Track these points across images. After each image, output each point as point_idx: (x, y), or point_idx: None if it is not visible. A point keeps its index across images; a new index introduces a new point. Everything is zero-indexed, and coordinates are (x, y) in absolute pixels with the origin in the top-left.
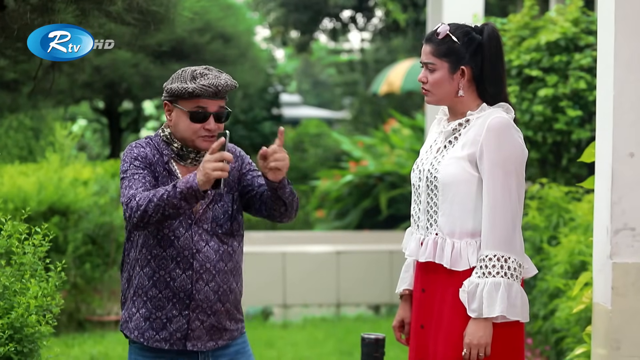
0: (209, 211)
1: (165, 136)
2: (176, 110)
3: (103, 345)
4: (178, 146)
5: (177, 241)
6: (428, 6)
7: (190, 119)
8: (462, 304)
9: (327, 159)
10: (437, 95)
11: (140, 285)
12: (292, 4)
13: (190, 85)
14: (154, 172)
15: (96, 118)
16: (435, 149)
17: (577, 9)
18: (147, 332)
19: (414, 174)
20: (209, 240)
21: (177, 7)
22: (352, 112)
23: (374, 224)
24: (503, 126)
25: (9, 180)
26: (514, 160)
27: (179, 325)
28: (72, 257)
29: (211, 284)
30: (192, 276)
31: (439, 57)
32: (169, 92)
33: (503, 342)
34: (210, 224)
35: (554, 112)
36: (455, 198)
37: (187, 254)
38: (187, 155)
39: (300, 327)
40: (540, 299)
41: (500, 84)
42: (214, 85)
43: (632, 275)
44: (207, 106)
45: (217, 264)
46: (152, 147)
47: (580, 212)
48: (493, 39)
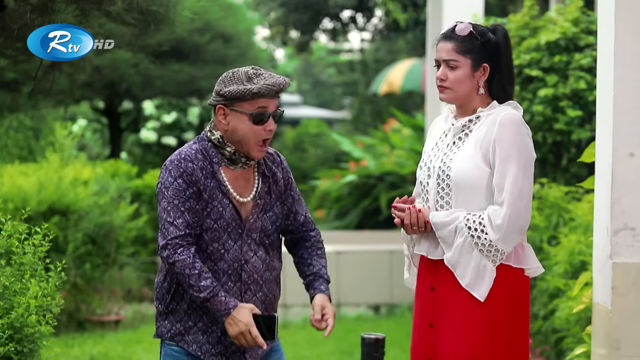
0: (259, 221)
1: (217, 139)
2: (234, 113)
3: (103, 345)
4: (231, 150)
5: (227, 254)
6: (428, 6)
7: (252, 121)
8: (473, 302)
9: (327, 159)
10: (456, 93)
11: (192, 299)
12: (292, 4)
13: (253, 85)
14: (198, 189)
15: (96, 118)
16: (443, 145)
17: (577, 9)
18: (204, 345)
19: (422, 172)
20: (257, 250)
21: (177, 7)
22: (352, 112)
23: (374, 224)
24: (514, 122)
25: (9, 180)
26: (523, 155)
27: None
28: (72, 257)
29: (259, 294)
30: (240, 287)
31: (463, 54)
32: (227, 95)
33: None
34: (259, 234)
35: (554, 112)
36: (468, 195)
37: (237, 266)
38: (239, 159)
39: (300, 327)
40: (540, 299)
41: (513, 84)
42: (276, 84)
43: (632, 275)
44: (267, 106)
45: (264, 273)
46: (201, 157)
47: (580, 212)
48: (507, 40)
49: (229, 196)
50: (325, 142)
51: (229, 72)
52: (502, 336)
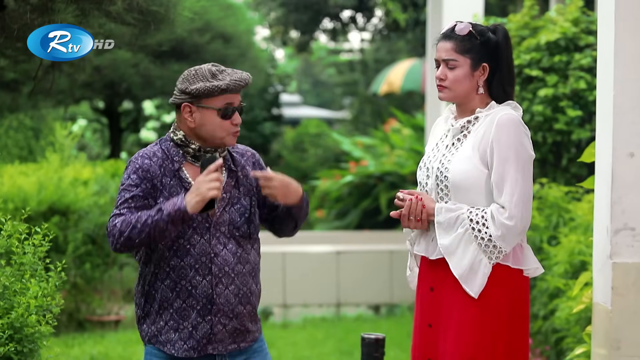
0: (226, 214)
1: (180, 139)
2: (201, 110)
3: (103, 345)
4: (195, 147)
5: (193, 249)
6: (428, 6)
7: (221, 117)
8: (472, 302)
9: (327, 159)
10: (455, 92)
11: (164, 298)
12: (292, 4)
13: (220, 82)
14: (154, 185)
15: (96, 118)
16: (443, 146)
17: (577, 9)
18: (176, 343)
19: (421, 172)
20: (227, 243)
21: (177, 7)
22: (352, 112)
23: (374, 224)
24: (512, 122)
25: (9, 180)
26: (522, 156)
27: (204, 332)
28: (72, 257)
29: (231, 287)
30: (211, 281)
31: (462, 53)
32: (193, 93)
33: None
34: (228, 227)
35: (554, 112)
36: (466, 196)
37: (205, 260)
38: (203, 155)
39: (300, 327)
40: (540, 299)
41: (513, 84)
42: (242, 79)
43: (632, 275)
44: (233, 101)
45: (236, 266)
46: (161, 156)
47: (580, 212)
48: (508, 40)
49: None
50: (325, 142)
51: (191, 70)
52: (502, 336)
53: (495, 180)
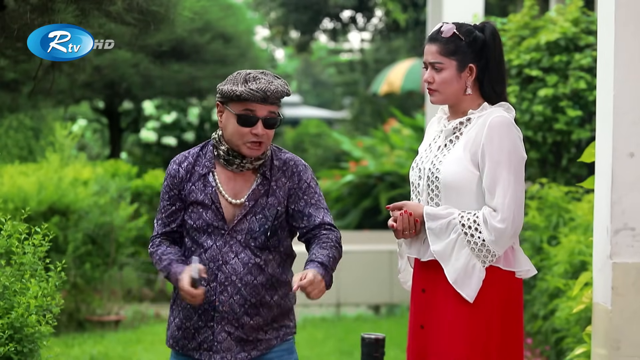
0: (245, 222)
1: (215, 138)
2: (226, 112)
3: (103, 345)
4: (225, 149)
5: (204, 253)
6: (428, 6)
7: (238, 122)
8: (462, 304)
9: (327, 159)
10: (444, 95)
11: (178, 294)
12: (292, 4)
13: (240, 88)
14: (179, 191)
15: (96, 118)
16: (435, 147)
17: (577, 9)
18: (180, 340)
19: (413, 173)
20: (240, 252)
21: (177, 7)
22: (352, 112)
23: (374, 224)
24: (504, 125)
25: (9, 180)
26: (514, 158)
27: (205, 337)
28: (72, 257)
29: (236, 297)
30: (215, 288)
31: (447, 55)
32: (221, 93)
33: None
34: (245, 236)
35: (554, 112)
36: (457, 197)
37: (213, 266)
38: (233, 160)
39: (300, 327)
40: (540, 299)
41: (503, 83)
42: (262, 90)
43: (632, 275)
44: (255, 110)
45: (245, 277)
46: (193, 160)
47: (580, 212)
48: (496, 38)
49: (217, 197)
50: (325, 142)
51: (237, 72)
52: (494, 339)
53: (487, 183)
